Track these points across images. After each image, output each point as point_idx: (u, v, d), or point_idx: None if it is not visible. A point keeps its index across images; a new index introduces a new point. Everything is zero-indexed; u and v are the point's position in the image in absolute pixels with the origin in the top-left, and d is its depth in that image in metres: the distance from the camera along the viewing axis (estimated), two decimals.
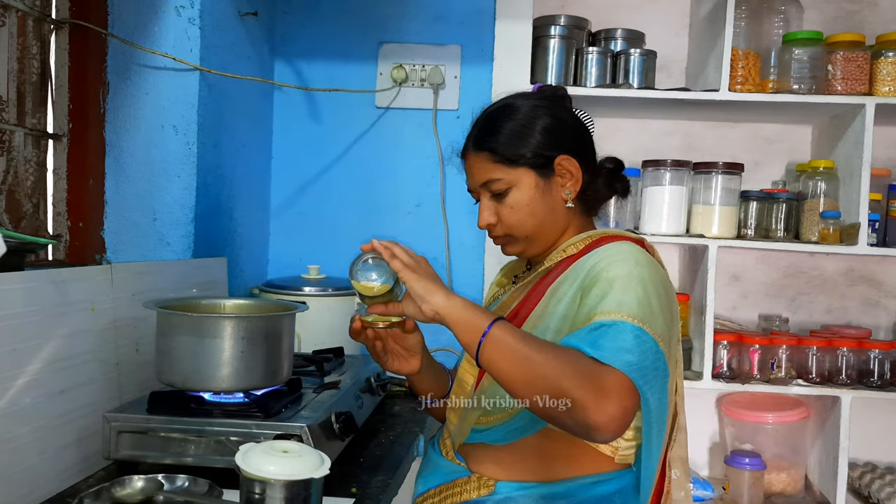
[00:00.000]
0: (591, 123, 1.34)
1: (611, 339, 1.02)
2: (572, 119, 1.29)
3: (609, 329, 1.03)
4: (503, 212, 1.25)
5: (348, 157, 2.31)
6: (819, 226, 2.14)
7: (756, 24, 2.20)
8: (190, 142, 1.74)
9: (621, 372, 0.99)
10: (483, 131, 1.26)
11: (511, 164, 1.22)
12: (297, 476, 0.96)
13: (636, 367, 1.00)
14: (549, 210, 1.24)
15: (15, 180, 1.57)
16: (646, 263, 1.13)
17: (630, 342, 1.01)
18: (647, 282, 1.09)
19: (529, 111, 1.25)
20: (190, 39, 1.73)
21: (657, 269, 1.15)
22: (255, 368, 1.26)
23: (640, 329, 1.03)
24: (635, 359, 1.00)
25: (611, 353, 1.00)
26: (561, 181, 1.24)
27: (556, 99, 1.31)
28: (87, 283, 1.29)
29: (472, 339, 1.05)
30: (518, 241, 1.27)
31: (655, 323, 1.05)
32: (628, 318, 1.03)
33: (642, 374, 1.00)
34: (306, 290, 1.94)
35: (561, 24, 2.24)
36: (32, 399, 1.14)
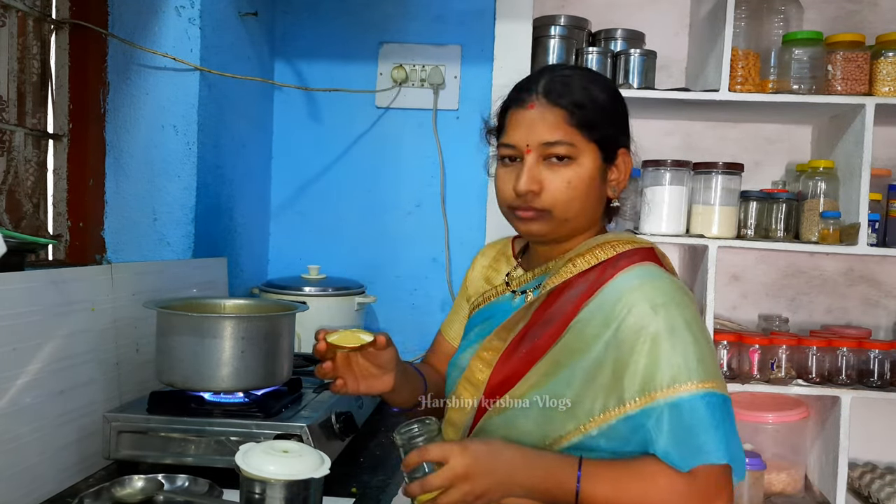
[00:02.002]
0: None
1: (685, 431, 0.96)
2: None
3: (683, 413, 0.97)
4: (554, 182, 1.09)
5: (348, 157, 2.31)
6: (819, 226, 2.13)
7: (756, 24, 2.20)
8: (190, 142, 1.74)
9: (710, 465, 0.95)
10: (566, 87, 1.11)
11: (587, 134, 1.09)
12: (297, 476, 0.96)
13: (722, 444, 0.96)
14: (597, 198, 1.13)
15: (15, 180, 1.57)
16: (680, 299, 1.04)
17: (705, 420, 0.96)
18: (691, 323, 1.02)
19: (614, 90, 1.15)
20: (190, 39, 1.73)
21: (686, 296, 1.07)
22: (255, 368, 1.26)
23: (706, 395, 0.97)
24: (718, 437, 0.96)
25: (703, 448, 0.96)
26: (615, 174, 1.15)
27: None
28: (87, 283, 1.29)
29: (566, 500, 0.98)
30: (552, 221, 1.11)
31: (709, 369, 1.00)
32: (691, 388, 0.97)
33: (727, 443, 0.97)
34: (306, 290, 1.94)
35: (561, 24, 2.24)
36: (32, 399, 1.14)
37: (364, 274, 2.27)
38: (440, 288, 2.27)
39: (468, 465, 0.97)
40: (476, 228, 2.26)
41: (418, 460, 0.98)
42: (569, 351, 1.07)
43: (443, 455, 0.97)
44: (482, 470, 0.97)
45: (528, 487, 0.98)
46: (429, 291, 2.29)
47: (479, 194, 2.25)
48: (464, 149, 2.26)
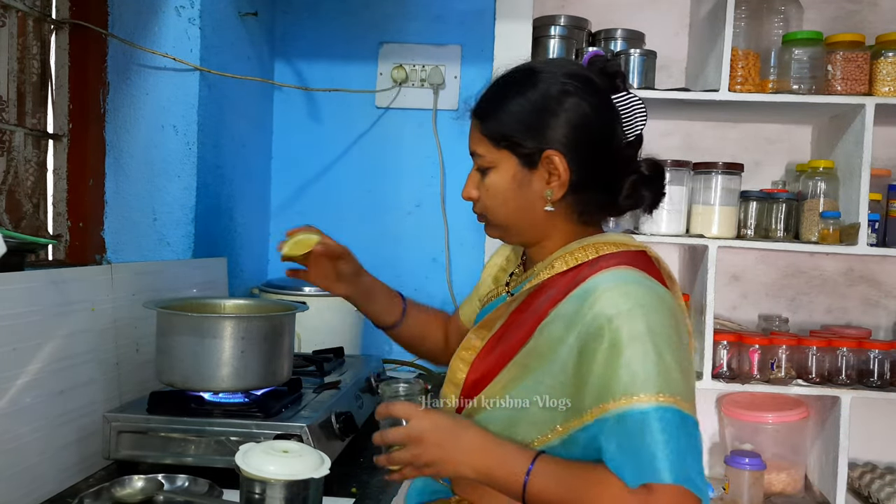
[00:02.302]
0: (643, 115, 1.13)
1: (641, 443, 0.91)
2: (596, 110, 1.09)
3: (633, 425, 0.92)
4: (482, 191, 1.13)
5: (348, 157, 2.31)
6: (819, 226, 2.13)
7: (756, 24, 2.20)
8: (190, 142, 1.74)
9: (670, 485, 0.90)
10: (486, 97, 1.14)
11: (495, 143, 1.10)
12: (297, 476, 0.96)
13: (674, 464, 0.90)
14: (524, 206, 1.10)
15: (15, 180, 1.57)
16: (648, 307, 0.98)
17: (655, 436, 0.91)
18: (655, 333, 0.96)
19: (546, 89, 1.08)
20: (190, 39, 1.73)
21: (660, 305, 1.00)
22: (255, 368, 1.26)
23: (660, 408, 0.92)
24: (674, 455, 0.91)
25: (650, 466, 0.90)
26: (546, 178, 1.08)
27: (598, 79, 1.11)
28: (87, 283, 1.29)
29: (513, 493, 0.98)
30: (494, 226, 1.16)
31: (671, 382, 0.94)
32: (644, 401, 0.92)
33: (680, 463, 0.91)
34: (306, 290, 1.94)
35: (561, 24, 2.24)
36: (32, 399, 1.14)
37: None
38: (440, 288, 2.27)
39: (424, 430, 1.00)
40: (476, 228, 2.24)
41: (384, 413, 1.04)
42: (536, 355, 1.05)
43: (406, 414, 1.02)
44: (436, 440, 1.00)
45: (478, 471, 0.99)
46: (429, 291, 2.28)
47: None
48: (464, 149, 2.24)
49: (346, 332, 1.96)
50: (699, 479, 0.92)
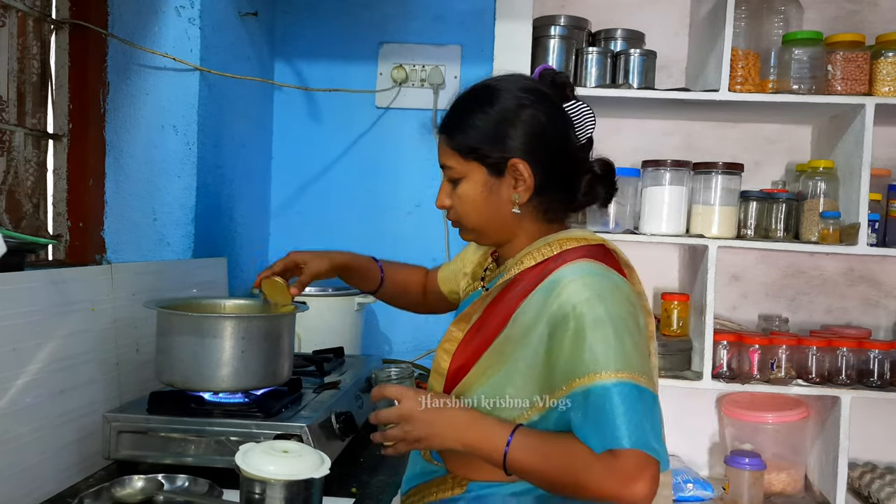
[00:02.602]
0: (591, 120, 1.25)
1: (603, 414, 1.02)
2: (550, 118, 1.20)
3: (596, 399, 1.04)
4: (454, 200, 1.22)
5: (348, 157, 2.31)
6: (819, 226, 2.13)
7: (756, 24, 2.20)
8: (190, 142, 1.74)
9: (631, 450, 1.00)
10: (451, 114, 1.26)
11: (463, 156, 1.20)
12: (297, 476, 0.96)
13: (632, 431, 1.01)
14: (495, 210, 1.20)
15: (15, 180, 1.57)
16: (606, 294, 1.09)
17: (616, 408, 1.02)
18: (615, 317, 1.07)
19: (504, 103, 1.19)
20: (190, 39, 1.73)
21: (617, 291, 1.11)
22: (255, 368, 1.26)
23: (619, 384, 1.03)
24: (632, 423, 1.02)
25: (613, 434, 1.01)
26: (513, 184, 1.18)
27: (550, 91, 1.22)
28: (87, 283, 1.29)
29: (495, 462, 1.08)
30: (468, 231, 1.25)
31: (630, 361, 1.05)
32: (605, 378, 1.03)
33: (638, 431, 1.02)
34: (306, 290, 1.94)
35: (561, 24, 2.24)
36: (32, 399, 1.14)
37: None
38: None
39: (413, 409, 1.11)
40: None
41: (378, 396, 1.14)
42: (511, 343, 1.14)
43: (398, 395, 1.13)
44: (425, 418, 1.11)
45: (464, 444, 1.10)
46: None
47: None
48: None
49: (346, 332, 1.96)
50: (657, 444, 1.03)
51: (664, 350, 2.19)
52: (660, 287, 2.47)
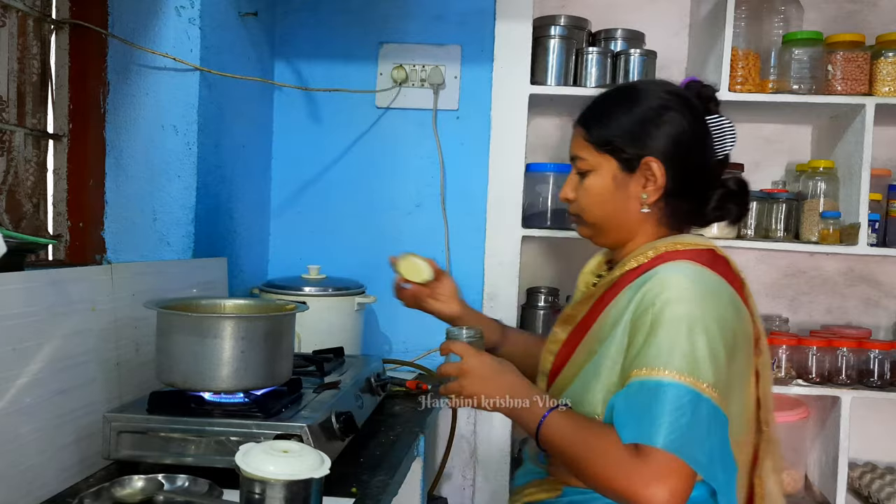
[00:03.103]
0: (732, 136, 1.24)
1: (648, 409, 1.00)
2: (692, 126, 1.20)
3: (647, 393, 1.01)
4: (579, 192, 1.26)
5: (348, 157, 2.31)
6: (819, 226, 2.14)
7: (756, 24, 2.20)
8: (190, 142, 1.74)
9: (663, 451, 0.97)
10: (590, 107, 1.28)
11: (598, 148, 1.22)
12: (297, 476, 0.96)
13: (669, 433, 0.97)
14: (620, 206, 1.22)
15: (15, 180, 1.57)
16: (694, 295, 1.06)
17: (663, 405, 0.99)
18: (695, 319, 1.04)
19: (649, 103, 1.21)
20: (190, 39, 1.73)
21: (709, 296, 1.08)
22: (255, 368, 1.26)
23: (678, 385, 1.00)
24: (676, 426, 0.98)
25: (648, 430, 0.98)
26: (643, 182, 1.20)
27: (694, 101, 1.23)
28: (87, 283, 1.29)
29: (531, 432, 1.17)
30: (586, 226, 1.28)
31: (698, 369, 1.01)
32: (664, 375, 1.01)
33: (686, 440, 0.98)
34: (306, 290, 1.94)
35: (561, 24, 2.24)
36: (32, 399, 1.14)
37: (364, 274, 2.26)
38: None
39: (472, 366, 1.19)
40: (476, 228, 2.26)
41: (446, 350, 1.23)
42: (598, 339, 1.17)
43: (461, 351, 1.21)
44: (480, 375, 1.19)
45: (508, 409, 1.17)
46: None
47: (479, 194, 2.25)
48: (464, 149, 2.26)
49: (346, 332, 1.96)
50: (705, 458, 0.98)
51: None
52: None
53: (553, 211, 2.21)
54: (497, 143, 2.23)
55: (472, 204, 2.26)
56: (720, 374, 1.03)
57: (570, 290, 2.53)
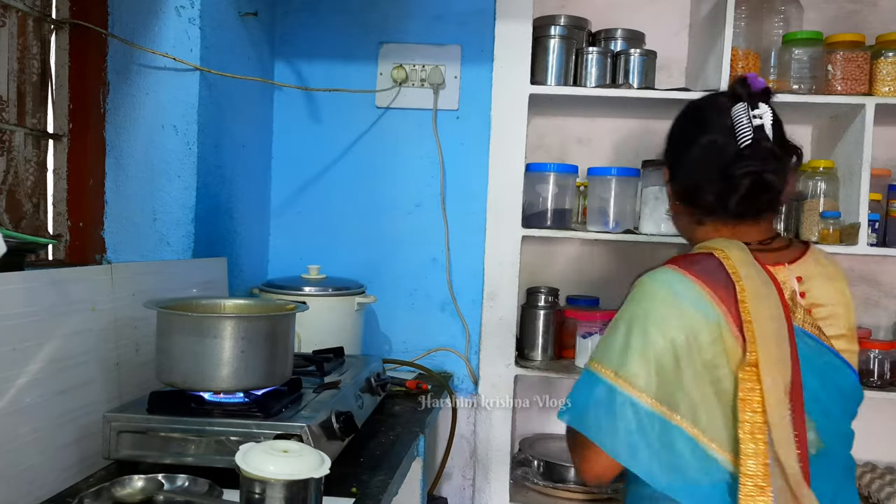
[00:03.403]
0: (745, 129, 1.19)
1: (571, 394, 1.18)
2: (685, 127, 1.30)
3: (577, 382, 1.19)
4: None
5: (348, 157, 2.31)
6: (819, 226, 2.13)
7: (756, 24, 2.20)
8: (190, 142, 1.74)
9: (572, 428, 1.17)
10: None
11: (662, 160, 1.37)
12: (297, 476, 0.96)
13: (579, 416, 1.15)
14: (672, 216, 1.36)
15: (15, 180, 1.57)
16: (638, 293, 1.16)
17: (581, 393, 1.16)
18: (624, 315, 1.15)
19: (678, 118, 1.34)
20: (190, 39, 1.73)
21: (645, 293, 1.15)
22: (255, 368, 1.26)
23: (587, 370, 1.17)
24: (579, 408, 1.15)
25: (564, 411, 1.18)
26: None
27: (720, 99, 1.24)
28: (87, 283, 1.29)
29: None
30: None
31: (606, 354, 1.14)
32: (589, 364, 1.17)
33: (583, 421, 1.14)
34: (306, 290, 1.94)
35: (561, 24, 2.24)
36: (32, 399, 1.14)
37: (364, 274, 2.27)
38: (440, 288, 2.28)
39: None
40: (476, 228, 2.26)
41: None
42: None
43: None
44: None
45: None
46: (429, 291, 2.29)
47: (479, 194, 2.25)
48: (464, 149, 2.26)
49: (346, 332, 1.96)
50: (595, 427, 1.12)
51: None
52: None
53: (553, 211, 2.21)
54: (497, 143, 2.23)
55: (472, 204, 2.26)
56: (620, 354, 1.12)
57: (570, 289, 2.54)
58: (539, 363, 2.26)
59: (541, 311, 2.28)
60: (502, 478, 2.26)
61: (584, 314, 2.20)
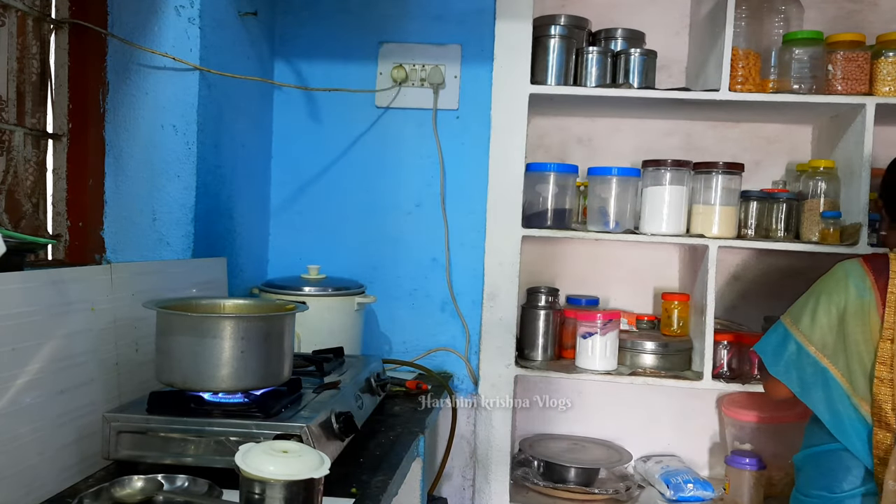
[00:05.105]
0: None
1: (763, 338, 1.64)
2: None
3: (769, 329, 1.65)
4: None
5: (348, 157, 2.31)
6: (819, 226, 2.13)
7: (756, 23, 2.20)
8: (190, 142, 1.74)
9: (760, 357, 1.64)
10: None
11: None
12: (297, 476, 0.96)
13: (766, 353, 1.60)
14: (886, 234, 1.70)
15: (15, 180, 1.57)
16: (830, 275, 1.57)
17: (770, 335, 1.61)
18: (817, 289, 1.57)
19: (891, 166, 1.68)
20: (190, 39, 1.73)
21: (832, 278, 1.55)
22: (255, 368, 1.26)
23: (781, 324, 1.60)
24: (766, 347, 1.61)
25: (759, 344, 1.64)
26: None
27: None
28: (87, 283, 1.29)
29: None
30: None
31: (797, 314, 1.57)
32: (783, 319, 1.61)
33: (767, 357, 1.59)
34: (306, 290, 1.94)
35: (561, 23, 2.24)
36: (32, 399, 1.14)
37: (364, 274, 2.27)
38: (440, 288, 2.27)
39: None
40: (476, 228, 2.26)
41: None
42: None
43: None
44: None
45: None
46: (429, 291, 2.28)
47: (479, 194, 2.25)
48: (464, 149, 2.26)
49: (346, 332, 1.96)
50: (771, 358, 1.59)
51: (664, 350, 2.19)
52: (660, 287, 2.47)
53: (553, 211, 2.21)
54: (497, 142, 2.23)
55: (472, 204, 2.26)
56: (809, 317, 1.54)
57: (570, 289, 2.54)
58: (539, 363, 2.26)
59: (541, 311, 2.28)
60: (502, 478, 2.25)
61: (584, 314, 2.20)
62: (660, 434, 2.50)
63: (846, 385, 1.49)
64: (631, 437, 2.47)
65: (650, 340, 2.21)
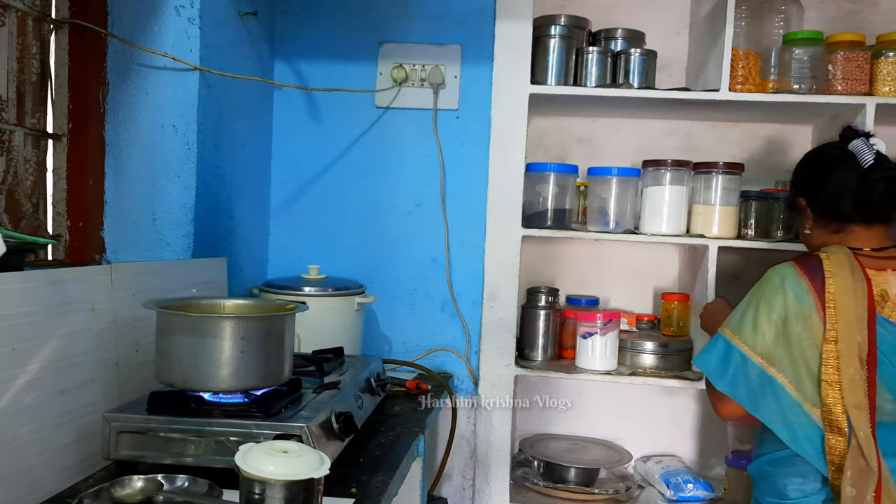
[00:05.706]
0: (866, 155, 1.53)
1: (701, 350, 1.56)
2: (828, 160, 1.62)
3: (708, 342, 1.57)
4: None
5: (348, 157, 2.31)
6: None
7: (756, 23, 2.20)
8: (190, 142, 1.74)
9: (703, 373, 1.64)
10: None
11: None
12: (296, 476, 0.96)
13: (710, 368, 1.52)
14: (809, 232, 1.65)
15: (15, 180, 1.57)
16: (764, 282, 1.51)
17: (710, 349, 1.53)
18: (755, 297, 1.51)
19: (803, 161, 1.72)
20: (190, 39, 1.73)
21: (766, 282, 1.51)
22: (255, 368, 1.26)
23: (720, 335, 1.53)
24: (709, 363, 1.52)
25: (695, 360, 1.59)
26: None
27: (830, 144, 1.65)
28: (86, 283, 1.29)
29: None
30: None
31: (737, 325, 1.51)
32: (721, 329, 1.54)
33: (712, 373, 1.51)
34: (306, 290, 1.94)
35: (561, 23, 2.24)
36: (32, 399, 1.14)
37: (364, 274, 2.27)
38: (440, 288, 2.27)
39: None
40: (476, 228, 2.26)
41: None
42: None
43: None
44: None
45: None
46: (429, 291, 2.29)
47: (479, 194, 2.25)
48: (464, 149, 2.26)
49: (346, 332, 1.96)
50: (717, 375, 1.50)
51: (664, 350, 2.19)
52: (660, 287, 2.47)
53: (553, 211, 2.21)
54: (497, 142, 2.23)
55: (472, 204, 2.26)
56: (748, 326, 1.49)
57: (570, 289, 2.54)
58: (539, 363, 2.26)
59: (541, 311, 2.28)
60: (502, 478, 2.25)
61: (584, 314, 2.20)
62: (660, 434, 2.50)
63: (795, 393, 1.43)
64: (631, 437, 2.47)
65: (650, 340, 2.21)
